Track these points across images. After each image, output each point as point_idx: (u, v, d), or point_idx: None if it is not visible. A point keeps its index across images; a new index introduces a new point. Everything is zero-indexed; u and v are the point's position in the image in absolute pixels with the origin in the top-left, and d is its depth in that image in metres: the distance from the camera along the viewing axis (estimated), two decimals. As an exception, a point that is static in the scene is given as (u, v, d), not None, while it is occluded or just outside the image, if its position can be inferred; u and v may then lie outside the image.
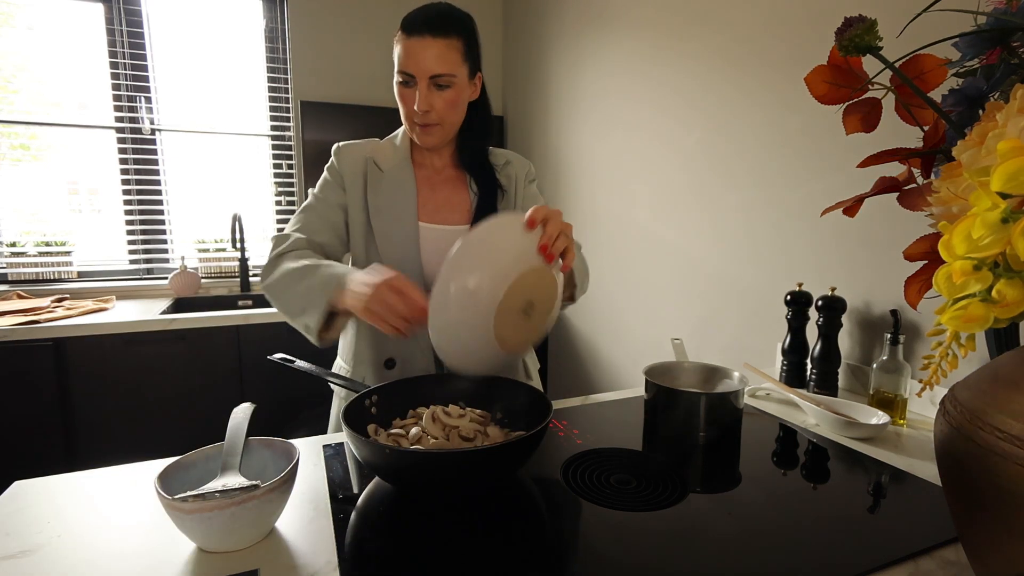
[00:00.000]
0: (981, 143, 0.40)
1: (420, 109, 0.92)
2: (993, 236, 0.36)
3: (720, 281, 1.53)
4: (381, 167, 1.01)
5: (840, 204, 0.62)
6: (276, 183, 2.60)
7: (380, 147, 1.04)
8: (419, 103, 0.91)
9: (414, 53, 0.89)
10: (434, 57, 0.89)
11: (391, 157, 1.03)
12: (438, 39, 0.89)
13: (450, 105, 0.94)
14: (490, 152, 1.08)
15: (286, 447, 0.68)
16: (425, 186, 1.04)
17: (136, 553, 0.58)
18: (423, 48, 0.89)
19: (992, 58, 0.50)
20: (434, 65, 0.90)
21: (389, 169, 1.02)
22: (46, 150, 2.28)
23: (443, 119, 0.95)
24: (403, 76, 0.92)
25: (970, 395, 0.45)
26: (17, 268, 2.21)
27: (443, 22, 0.90)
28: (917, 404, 1.01)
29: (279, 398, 2.03)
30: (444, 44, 0.90)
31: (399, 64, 0.92)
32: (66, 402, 1.83)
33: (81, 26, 2.24)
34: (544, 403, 0.76)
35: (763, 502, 0.70)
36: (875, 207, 0.75)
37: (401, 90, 0.94)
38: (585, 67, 2.13)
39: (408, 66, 0.90)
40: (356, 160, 1.02)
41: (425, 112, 0.92)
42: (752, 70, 1.38)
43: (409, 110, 0.94)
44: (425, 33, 0.89)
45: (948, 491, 0.48)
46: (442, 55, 0.90)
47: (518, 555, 0.59)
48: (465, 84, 0.95)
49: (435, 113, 0.93)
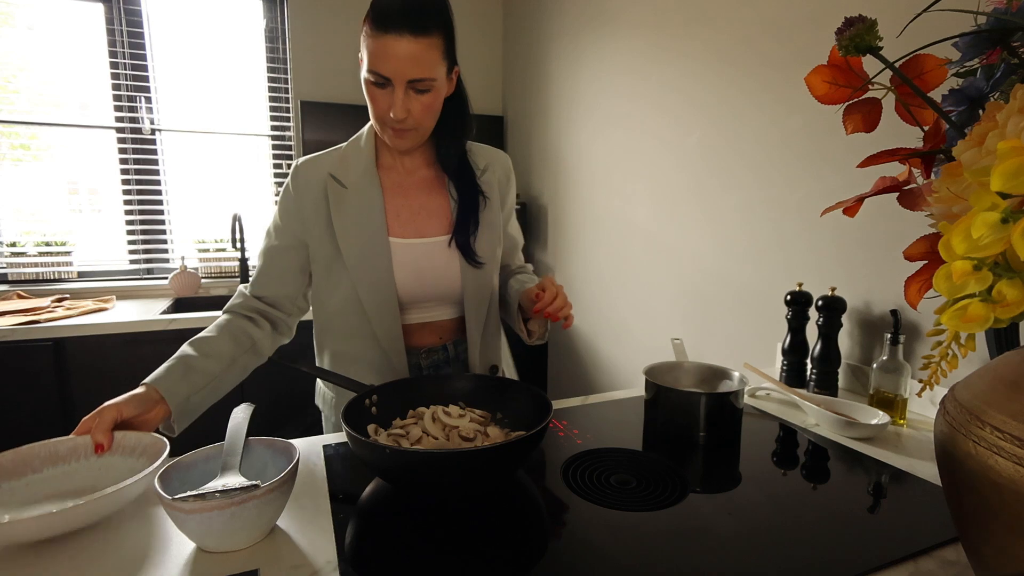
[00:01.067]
0: (981, 143, 0.40)
1: (397, 116, 0.83)
2: (993, 236, 0.36)
3: (720, 281, 1.53)
4: (344, 182, 0.93)
5: (840, 204, 0.62)
6: (276, 183, 2.60)
7: (343, 157, 0.96)
8: (396, 110, 0.82)
9: (389, 53, 0.78)
10: (413, 60, 0.79)
11: (355, 167, 0.94)
12: (418, 38, 0.78)
13: (428, 109, 0.86)
14: (468, 150, 1.00)
15: (286, 447, 0.68)
16: (396, 194, 0.96)
17: (136, 553, 0.58)
18: (400, 48, 0.78)
19: (992, 58, 0.50)
20: (413, 69, 0.80)
21: (353, 183, 0.93)
22: (46, 150, 2.28)
23: (420, 124, 0.87)
24: (376, 77, 0.81)
25: (970, 395, 0.45)
26: (17, 268, 2.21)
27: (422, 16, 0.78)
28: (917, 404, 1.01)
29: (279, 398, 2.03)
30: (424, 44, 0.79)
31: (370, 62, 0.80)
32: (66, 402, 1.83)
33: (81, 26, 2.24)
34: (544, 403, 0.76)
35: (763, 502, 0.70)
36: (875, 207, 0.75)
37: (372, 90, 0.84)
38: (585, 67, 2.13)
39: (382, 67, 0.80)
40: (315, 182, 0.94)
41: (402, 119, 0.84)
42: (752, 70, 1.38)
43: (381, 113, 0.85)
44: (403, 30, 0.77)
45: (948, 491, 0.48)
46: (422, 57, 0.79)
47: (518, 555, 0.59)
48: (443, 84, 0.86)
49: (412, 119, 0.85)
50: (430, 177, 0.99)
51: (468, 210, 0.97)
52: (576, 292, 2.27)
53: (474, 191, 0.98)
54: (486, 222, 0.99)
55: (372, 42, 0.79)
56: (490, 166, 1.02)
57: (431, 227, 0.96)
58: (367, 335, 0.95)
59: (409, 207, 0.96)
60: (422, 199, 0.97)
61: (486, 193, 0.99)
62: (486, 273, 1.00)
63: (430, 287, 0.97)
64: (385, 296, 0.93)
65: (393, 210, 0.95)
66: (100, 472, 0.71)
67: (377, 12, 0.78)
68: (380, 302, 0.93)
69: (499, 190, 1.03)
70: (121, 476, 0.69)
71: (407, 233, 0.95)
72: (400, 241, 0.94)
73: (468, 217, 0.96)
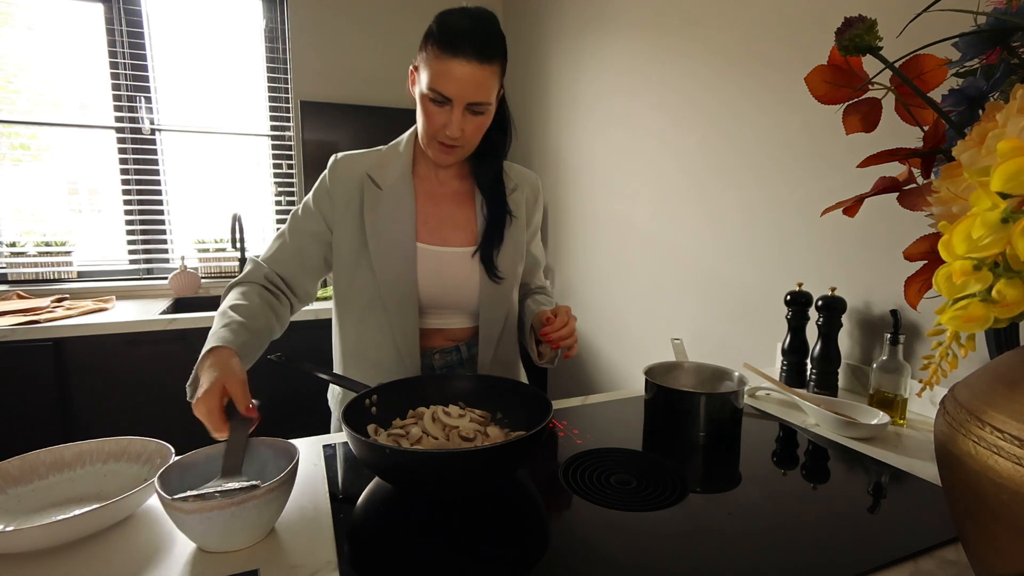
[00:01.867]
0: (981, 143, 0.40)
1: (452, 135, 0.87)
2: (993, 236, 0.36)
3: (720, 281, 1.53)
4: (380, 184, 0.96)
5: (840, 204, 0.62)
6: (276, 183, 2.60)
7: (381, 159, 0.99)
8: (452, 129, 0.86)
9: (455, 76, 0.82)
10: (476, 84, 0.83)
11: (391, 171, 0.97)
12: (483, 65, 0.82)
13: (479, 130, 0.90)
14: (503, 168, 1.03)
15: (286, 447, 0.68)
16: (427, 201, 0.99)
17: (136, 553, 0.58)
18: (465, 72, 0.82)
19: (992, 58, 0.50)
20: (475, 93, 0.84)
21: (388, 185, 0.96)
22: (46, 150, 2.28)
23: (468, 142, 0.91)
24: (436, 95, 0.84)
25: (970, 395, 0.45)
26: (17, 268, 2.21)
27: (489, 45, 0.82)
28: (917, 404, 1.01)
29: (279, 398, 2.03)
30: (488, 70, 0.83)
31: (432, 81, 0.83)
32: (66, 402, 1.83)
33: (81, 26, 2.24)
34: (544, 403, 0.76)
35: (763, 502, 0.70)
36: (875, 207, 0.75)
37: (429, 106, 0.87)
38: (585, 67, 2.13)
39: (445, 88, 0.83)
40: (352, 178, 0.97)
41: (456, 137, 0.88)
42: (752, 70, 1.38)
43: (435, 129, 0.88)
44: (471, 56, 0.81)
45: (948, 491, 0.48)
46: (484, 82, 0.84)
47: (518, 555, 0.59)
48: (494, 106, 0.90)
49: (463, 137, 0.89)
50: (461, 190, 1.02)
51: (495, 225, 0.99)
52: (576, 292, 2.27)
53: (503, 207, 1.00)
54: (510, 239, 1.01)
55: (438, 63, 0.82)
56: (519, 185, 1.05)
57: (457, 238, 0.99)
58: (384, 334, 0.98)
59: (438, 216, 0.99)
60: (451, 210, 1.00)
61: (514, 211, 1.02)
62: (505, 288, 1.01)
63: (449, 295, 0.99)
64: (406, 294, 0.96)
65: (423, 217, 0.98)
66: (106, 478, 0.71)
67: (446, 35, 0.82)
68: (400, 300, 0.96)
69: (526, 209, 1.05)
70: (126, 482, 0.69)
71: (434, 240, 0.98)
72: (426, 247, 0.97)
73: (494, 232, 0.99)
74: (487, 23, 0.85)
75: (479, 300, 1.00)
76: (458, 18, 0.83)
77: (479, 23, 0.83)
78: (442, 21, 0.83)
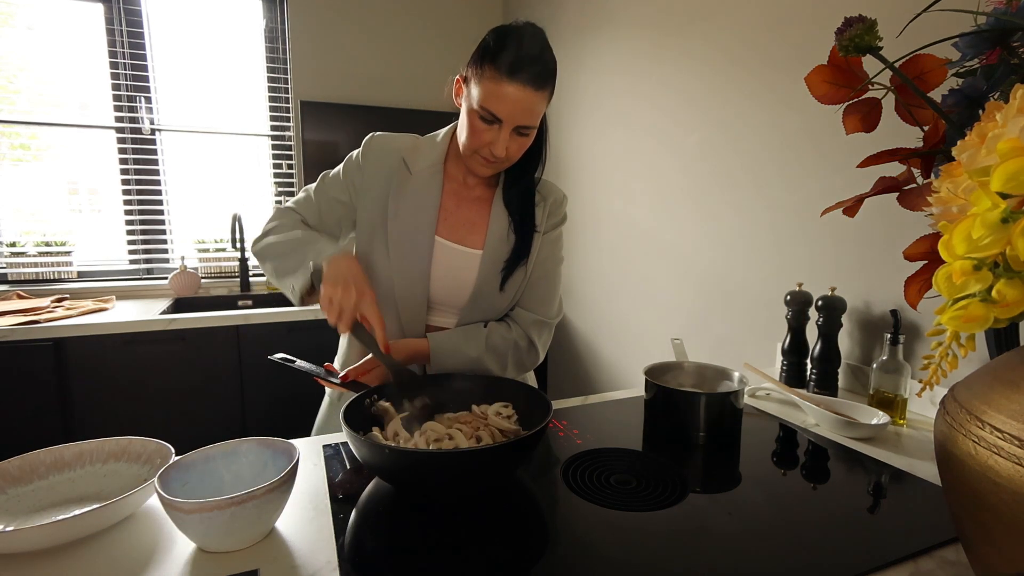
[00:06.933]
0: (981, 143, 0.40)
1: (498, 154, 0.87)
2: (993, 236, 0.36)
3: (720, 281, 1.53)
4: (411, 169, 0.97)
5: (840, 204, 0.62)
6: (276, 183, 2.60)
7: (416, 146, 1.00)
8: (498, 148, 0.86)
9: (509, 99, 0.82)
10: (528, 109, 0.84)
11: (424, 159, 0.98)
12: (537, 91, 0.83)
13: (522, 149, 0.90)
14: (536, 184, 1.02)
15: (286, 447, 0.68)
16: (451, 199, 0.99)
17: (136, 553, 0.58)
18: (519, 96, 0.82)
19: (992, 58, 0.50)
20: (525, 117, 0.84)
21: (418, 173, 0.97)
22: (46, 150, 2.28)
23: (510, 159, 0.91)
24: (487, 114, 0.84)
25: (970, 395, 0.45)
26: (17, 268, 2.21)
27: (544, 73, 0.83)
28: (917, 404, 1.01)
29: (279, 398, 2.03)
30: (540, 97, 0.84)
31: (484, 99, 0.83)
32: (66, 402, 1.83)
33: (81, 26, 2.24)
34: (544, 403, 0.76)
35: (763, 502, 0.70)
36: (875, 207, 0.75)
37: (477, 123, 0.86)
38: (585, 67, 2.13)
39: (498, 110, 0.83)
40: (386, 155, 0.98)
41: (502, 157, 0.88)
42: (753, 70, 1.38)
43: (479, 144, 0.88)
44: (528, 84, 0.82)
45: (948, 491, 0.48)
46: (535, 108, 0.84)
47: (518, 555, 0.59)
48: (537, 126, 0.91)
49: (506, 155, 0.89)
50: (484, 196, 1.02)
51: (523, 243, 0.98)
52: (576, 292, 2.27)
53: (531, 225, 1.00)
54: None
55: (493, 84, 0.82)
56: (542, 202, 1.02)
57: (470, 239, 0.99)
58: (392, 326, 0.98)
59: (458, 215, 1.00)
60: (471, 212, 1.00)
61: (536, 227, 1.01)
62: (499, 299, 1.00)
63: (453, 294, 0.99)
64: (417, 286, 0.96)
65: (444, 213, 0.99)
66: (105, 479, 0.71)
67: (503, 58, 0.81)
68: (409, 285, 0.96)
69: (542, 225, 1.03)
70: (126, 482, 0.69)
71: (451, 237, 0.98)
72: (442, 241, 0.97)
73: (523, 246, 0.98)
74: (546, 49, 0.85)
75: (468, 302, 0.99)
76: (517, 40, 0.82)
77: (540, 50, 0.84)
78: (502, 42, 0.82)
